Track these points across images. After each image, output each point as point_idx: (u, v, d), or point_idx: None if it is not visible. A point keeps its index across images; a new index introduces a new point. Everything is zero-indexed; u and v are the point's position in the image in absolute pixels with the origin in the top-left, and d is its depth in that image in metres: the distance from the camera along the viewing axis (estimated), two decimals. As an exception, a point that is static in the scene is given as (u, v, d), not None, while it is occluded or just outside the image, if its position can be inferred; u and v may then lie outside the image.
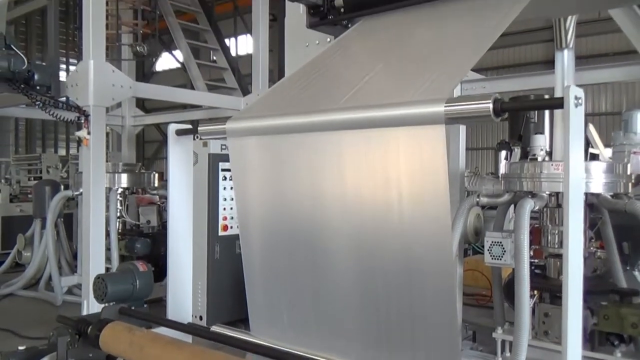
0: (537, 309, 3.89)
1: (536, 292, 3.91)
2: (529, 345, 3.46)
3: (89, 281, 5.39)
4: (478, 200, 4.10)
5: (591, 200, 3.83)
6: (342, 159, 2.17)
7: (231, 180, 3.11)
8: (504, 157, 7.42)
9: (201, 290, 5.79)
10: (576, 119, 1.63)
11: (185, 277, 3.08)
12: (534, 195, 3.75)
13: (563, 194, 2.03)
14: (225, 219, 5.89)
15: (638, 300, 3.65)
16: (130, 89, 5.75)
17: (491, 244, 3.86)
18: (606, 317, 3.57)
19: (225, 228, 5.88)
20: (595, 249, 4.07)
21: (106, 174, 5.97)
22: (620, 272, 4.05)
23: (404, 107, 1.92)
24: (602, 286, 3.88)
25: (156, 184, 7.38)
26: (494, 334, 4.10)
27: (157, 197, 7.27)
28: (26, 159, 12.93)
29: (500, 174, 4.30)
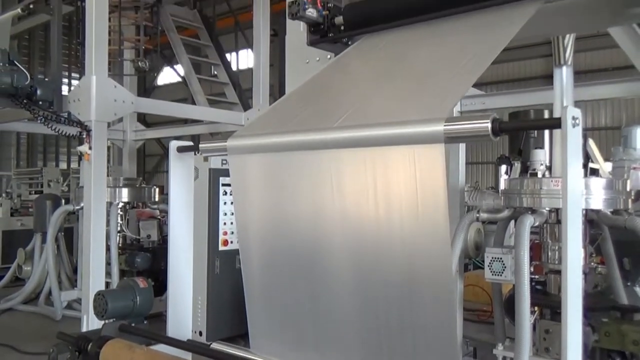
0: (537, 326, 3.87)
1: (537, 308, 3.89)
2: (530, 362, 3.44)
3: (88, 296, 5.38)
4: (478, 215, 4.10)
5: (591, 216, 3.84)
6: (342, 177, 2.18)
7: (232, 195, 3.13)
8: (504, 171, 7.43)
9: (201, 306, 5.77)
10: (574, 138, 1.64)
11: (185, 292, 3.08)
12: (533, 211, 3.76)
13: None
14: (225, 233, 5.89)
15: (639, 317, 3.64)
16: (132, 104, 5.78)
17: (491, 260, 3.86)
18: (607, 334, 3.56)
19: (226, 243, 5.88)
20: (596, 264, 4.07)
21: (107, 189, 5.98)
22: (621, 288, 4.04)
23: (403, 126, 1.94)
24: (603, 303, 3.86)
25: (157, 198, 7.39)
26: (494, 351, 4.08)
27: (158, 212, 7.28)
28: (27, 172, 12.95)
29: (500, 190, 4.31)
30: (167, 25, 8.47)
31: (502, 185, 5.08)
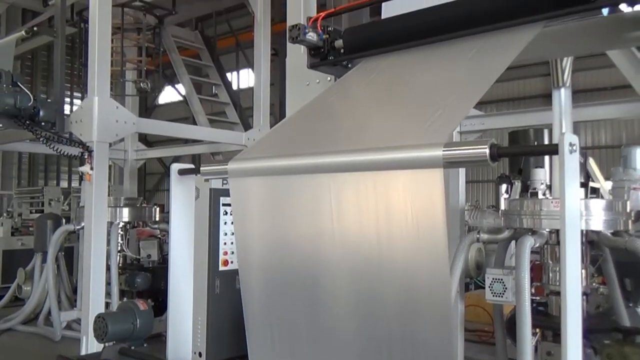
0: (539, 348, 3.85)
1: (538, 330, 3.88)
2: (532, 385, 3.41)
3: (88, 317, 5.37)
4: (478, 236, 4.10)
5: (592, 237, 3.83)
6: (341, 200, 2.20)
7: (232, 215, 3.14)
8: (504, 190, 7.43)
9: (201, 326, 5.74)
10: (571, 164, 1.66)
11: (185, 313, 3.08)
12: (534, 232, 3.76)
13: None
14: (225, 253, 5.87)
15: (641, 338, 3.62)
16: (134, 125, 5.82)
17: (492, 281, 3.85)
18: (609, 357, 3.53)
19: (226, 263, 5.86)
20: (598, 284, 4.05)
21: (108, 208, 5.99)
22: (623, 309, 4.02)
23: (402, 151, 1.96)
24: (605, 324, 3.85)
25: (157, 218, 7.39)
26: (496, 372, 4.05)
27: (158, 231, 7.27)
28: (28, 192, 12.94)
29: (501, 210, 4.31)
30: (169, 46, 8.56)
31: (503, 204, 5.09)
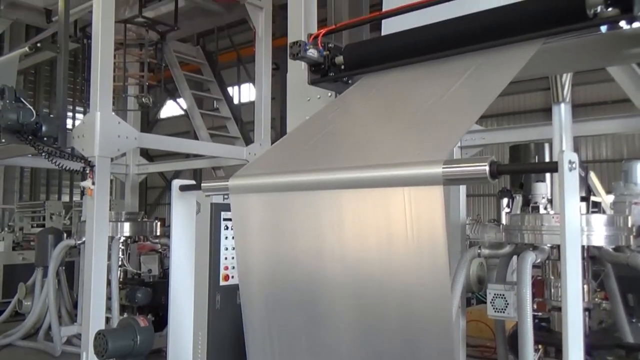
0: (542, 364, 3.83)
1: (540, 346, 3.85)
2: (535, 401, 3.39)
3: (88, 332, 5.35)
4: (480, 252, 4.09)
5: (593, 252, 3.82)
6: (342, 217, 2.20)
7: (233, 230, 3.15)
8: (505, 204, 7.40)
9: (201, 342, 5.70)
10: (570, 182, 1.66)
11: (185, 328, 3.07)
12: (535, 247, 3.75)
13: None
14: (226, 268, 5.85)
15: (644, 355, 3.59)
16: (136, 139, 5.84)
17: (494, 297, 3.83)
18: (612, 373, 3.51)
19: (227, 278, 5.84)
20: (600, 300, 4.03)
21: (109, 223, 5.99)
22: (626, 325, 3.99)
23: (402, 168, 1.97)
24: (608, 340, 3.82)
25: (158, 232, 7.38)
26: (499, 389, 4.02)
27: (159, 245, 7.26)
28: (30, 206, 12.98)
29: (502, 226, 4.31)
30: (171, 61, 8.62)
31: (504, 218, 5.08)
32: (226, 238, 5.89)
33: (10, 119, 5.20)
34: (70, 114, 12.35)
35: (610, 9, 2.39)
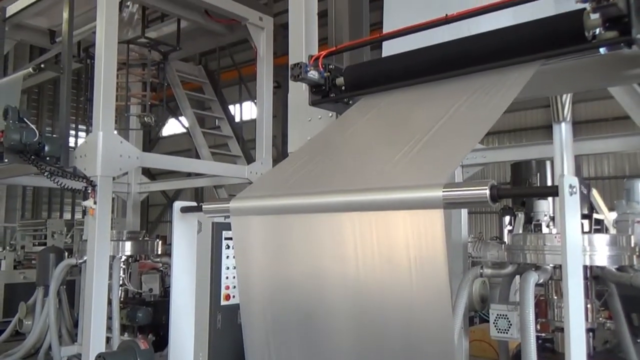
0: (546, 385, 3.79)
1: (545, 367, 3.81)
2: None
3: (89, 352, 5.30)
4: (482, 271, 4.07)
5: (596, 272, 3.80)
6: (342, 239, 2.20)
7: (234, 251, 3.16)
8: (507, 222, 7.37)
9: (202, 362, 5.66)
10: (571, 206, 1.66)
11: (186, 348, 3.06)
12: (537, 267, 3.73)
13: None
14: (227, 287, 5.82)
15: (650, 376, 3.55)
16: (137, 159, 5.85)
17: (496, 317, 3.81)
18: (617, 395, 3.47)
19: (228, 297, 5.81)
20: (605, 319, 4.00)
21: (110, 242, 5.98)
22: (630, 345, 3.95)
23: (402, 191, 1.97)
24: (612, 361, 3.79)
25: (159, 251, 7.36)
26: (502, 411, 3.97)
27: (160, 264, 7.24)
28: (32, 224, 12.99)
29: (504, 245, 4.29)
30: (173, 81, 8.67)
31: (506, 236, 5.05)
32: (227, 257, 5.87)
33: (13, 139, 5.21)
34: (72, 131, 12.40)
35: (608, 31, 2.41)
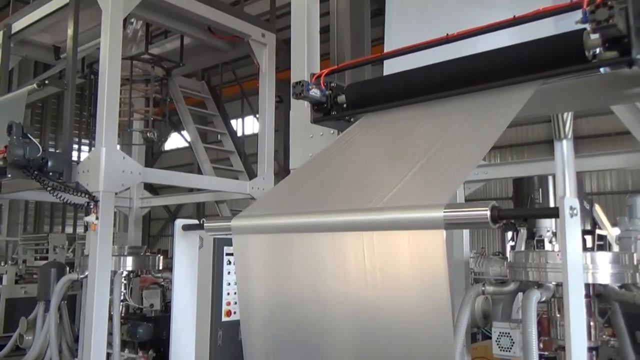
0: (550, 404, 3.76)
1: (548, 386, 3.79)
2: None
3: (89, 369, 5.28)
4: (484, 289, 4.05)
5: (599, 290, 3.79)
6: (343, 259, 2.20)
7: (235, 269, 3.16)
8: (510, 237, 7.34)
9: (203, 379, 5.62)
10: (572, 228, 1.66)
11: (187, 365, 3.05)
12: (540, 285, 3.71)
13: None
14: (228, 304, 5.81)
15: (654, 396, 3.52)
16: (140, 174, 5.87)
17: (499, 335, 3.79)
18: (621, 415, 3.44)
19: (229, 313, 5.79)
20: (608, 337, 3.97)
21: (112, 257, 5.98)
22: (634, 363, 3.93)
23: (403, 212, 1.97)
24: (616, 380, 3.76)
25: (161, 266, 7.35)
26: None
27: (161, 279, 7.23)
28: (34, 238, 12.99)
29: (506, 263, 4.28)
30: (176, 96, 8.72)
31: (508, 252, 5.05)
32: (229, 273, 5.85)
33: (17, 155, 5.24)
34: (75, 145, 12.45)
35: (608, 51, 2.42)
